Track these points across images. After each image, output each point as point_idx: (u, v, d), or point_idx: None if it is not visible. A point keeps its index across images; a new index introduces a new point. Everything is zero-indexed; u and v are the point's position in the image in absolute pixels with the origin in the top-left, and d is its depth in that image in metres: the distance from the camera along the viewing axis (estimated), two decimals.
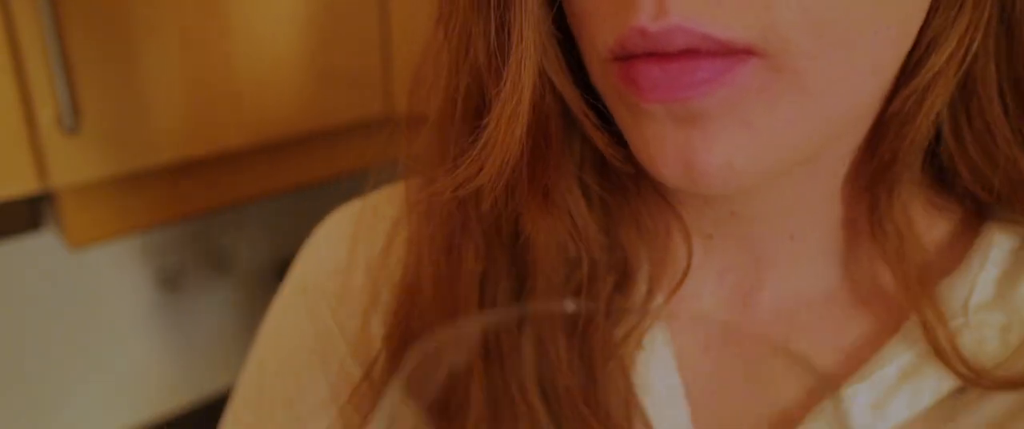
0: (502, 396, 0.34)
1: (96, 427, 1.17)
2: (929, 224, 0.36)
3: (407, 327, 0.39)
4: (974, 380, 0.32)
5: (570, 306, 0.34)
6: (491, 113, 0.31)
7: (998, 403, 0.32)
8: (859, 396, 0.33)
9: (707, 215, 0.37)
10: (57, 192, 0.75)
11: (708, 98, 0.27)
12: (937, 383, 0.33)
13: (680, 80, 0.27)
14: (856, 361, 0.35)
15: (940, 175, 0.35)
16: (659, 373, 0.36)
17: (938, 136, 0.33)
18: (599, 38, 0.29)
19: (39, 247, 1.04)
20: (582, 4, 0.30)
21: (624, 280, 0.38)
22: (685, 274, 0.37)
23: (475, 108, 0.34)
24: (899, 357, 0.33)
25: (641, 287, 0.38)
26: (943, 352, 0.32)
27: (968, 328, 0.33)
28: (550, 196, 0.35)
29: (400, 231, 0.41)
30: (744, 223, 0.36)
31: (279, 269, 1.28)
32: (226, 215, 1.21)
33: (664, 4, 0.26)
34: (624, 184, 0.37)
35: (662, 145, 0.29)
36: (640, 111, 0.29)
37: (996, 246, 0.34)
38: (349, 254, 0.43)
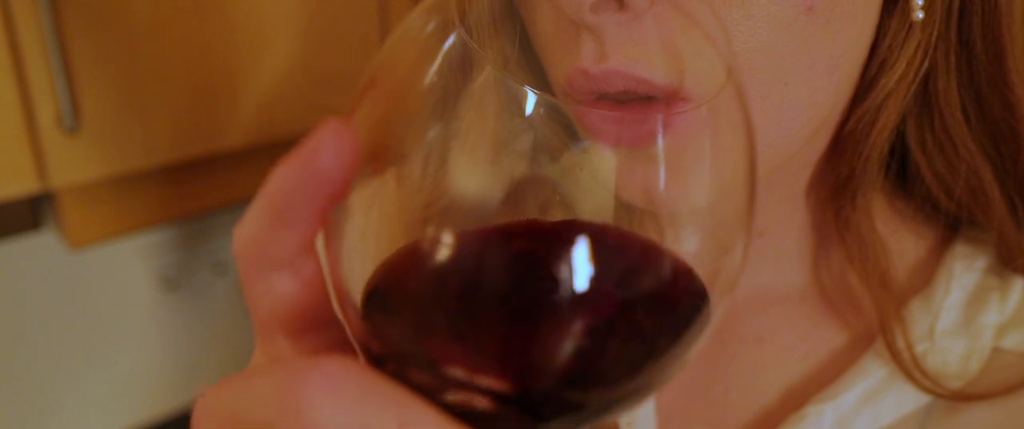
0: None
1: (96, 427, 1.17)
2: (894, 231, 0.37)
3: None
4: (940, 393, 0.33)
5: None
6: None
7: (961, 425, 0.34)
8: (825, 414, 0.35)
9: None
10: (57, 192, 0.75)
11: (658, 146, 0.29)
12: (898, 404, 0.34)
13: (633, 131, 0.28)
14: (824, 372, 0.37)
15: (904, 182, 0.37)
16: None
17: (905, 147, 0.35)
18: (554, 72, 0.31)
19: (39, 247, 1.04)
20: (539, 40, 0.32)
21: None
22: None
23: None
24: (867, 376, 0.35)
25: None
26: (908, 369, 0.34)
27: (933, 353, 0.34)
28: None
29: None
30: None
31: None
32: (226, 215, 1.21)
33: (604, 50, 0.28)
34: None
35: (625, 176, 0.31)
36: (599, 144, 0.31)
37: (960, 269, 0.36)
38: None
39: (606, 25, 0.27)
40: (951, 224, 0.37)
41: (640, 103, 0.28)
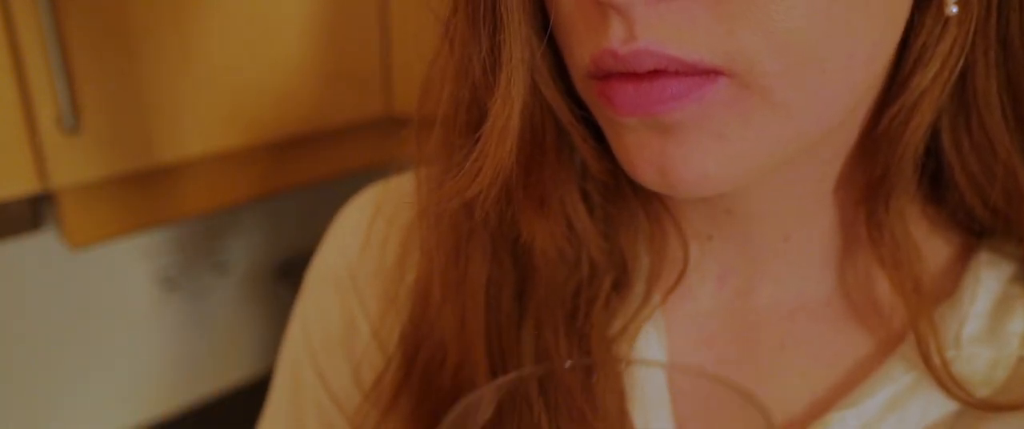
0: (506, 391, 0.35)
1: (96, 427, 1.17)
2: (926, 237, 0.36)
3: (419, 331, 0.40)
4: (970, 402, 0.32)
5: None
6: (483, 126, 0.33)
7: None
8: (848, 421, 0.34)
9: (705, 214, 0.38)
10: (57, 192, 0.75)
11: (678, 112, 0.29)
12: (923, 411, 0.33)
13: (651, 96, 0.29)
14: (849, 380, 0.36)
15: (937, 188, 0.36)
16: (648, 371, 0.37)
17: (940, 148, 0.34)
18: (577, 55, 0.31)
19: (39, 247, 1.04)
20: (562, 25, 0.32)
21: (622, 280, 0.39)
22: (682, 274, 0.38)
23: (476, 119, 0.35)
24: (892, 383, 0.34)
25: (639, 287, 0.38)
26: (940, 375, 0.32)
27: (959, 360, 0.33)
28: (547, 202, 0.36)
29: (415, 234, 0.42)
30: (740, 221, 0.37)
31: (279, 269, 1.28)
32: (226, 215, 1.21)
33: (633, 29, 0.28)
34: (623, 189, 0.38)
35: (640, 153, 0.30)
36: (619, 122, 0.31)
37: (986, 276, 0.35)
38: (366, 242, 0.45)
39: (635, 5, 0.27)
40: (975, 231, 0.36)
41: (668, 75, 0.28)
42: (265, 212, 1.26)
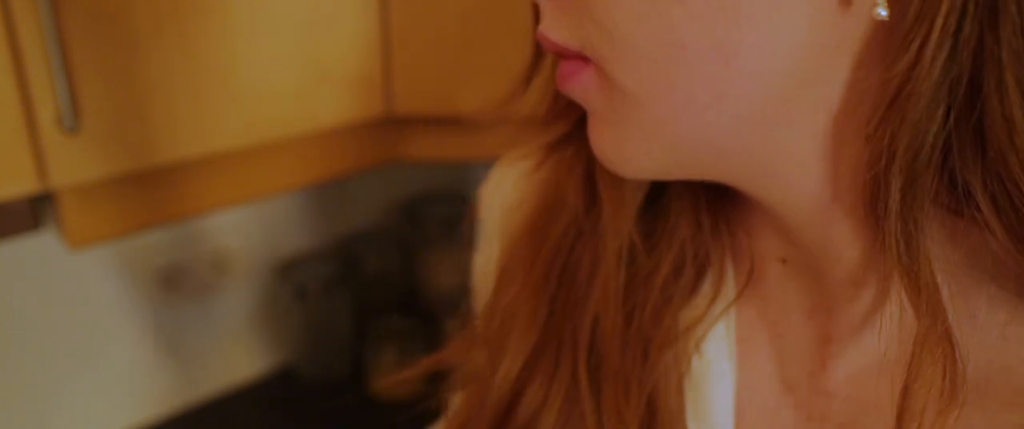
0: (553, 337, 0.39)
1: (96, 427, 1.17)
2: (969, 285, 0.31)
3: (502, 282, 0.44)
4: None
5: None
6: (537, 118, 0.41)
7: None
8: None
9: (771, 231, 0.37)
10: (57, 192, 0.75)
11: (569, 91, 0.33)
12: None
13: (558, 74, 0.33)
14: None
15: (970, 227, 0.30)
16: (714, 385, 0.37)
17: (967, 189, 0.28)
18: None
19: (39, 247, 1.04)
20: None
21: (689, 273, 0.39)
22: (749, 277, 0.37)
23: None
24: None
25: (707, 286, 0.38)
26: None
27: None
28: (582, 183, 0.40)
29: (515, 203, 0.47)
30: (803, 252, 0.35)
31: (279, 269, 1.28)
32: (226, 215, 1.21)
33: (539, 15, 0.33)
34: (691, 184, 0.38)
35: (589, 136, 0.35)
36: None
37: None
38: (491, 199, 0.50)
39: None
40: None
41: (565, 58, 0.33)
42: (265, 212, 1.26)
